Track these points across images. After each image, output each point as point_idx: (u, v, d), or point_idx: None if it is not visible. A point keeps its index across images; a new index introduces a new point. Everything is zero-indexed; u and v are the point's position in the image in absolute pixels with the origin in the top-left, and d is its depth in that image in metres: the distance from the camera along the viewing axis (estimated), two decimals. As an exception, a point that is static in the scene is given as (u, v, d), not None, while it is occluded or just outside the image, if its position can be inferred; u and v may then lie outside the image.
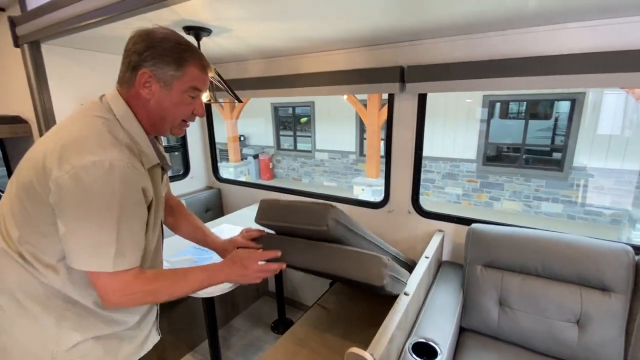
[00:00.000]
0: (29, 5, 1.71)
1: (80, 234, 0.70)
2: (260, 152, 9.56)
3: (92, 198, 0.68)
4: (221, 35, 1.53)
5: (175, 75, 0.77)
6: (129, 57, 0.77)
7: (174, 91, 0.78)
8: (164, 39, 0.76)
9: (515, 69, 1.40)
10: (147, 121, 0.81)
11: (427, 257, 1.46)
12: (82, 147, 0.69)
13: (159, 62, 0.75)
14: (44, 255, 0.75)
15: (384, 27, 1.41)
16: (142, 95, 0.78)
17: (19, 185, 0.75)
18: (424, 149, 1.80)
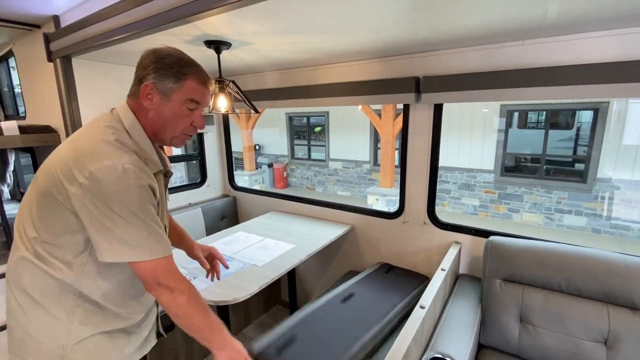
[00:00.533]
0: (63, 23, 1.83)
1: (109, 231, 0.75)
2: (274, 161, 9.66)
3: (112, 197, 0.74)
4: (240, 48, 1.58)
5: (174, 87, 0.83)
6: (137, 71, 0.85)
7: (173, 102, 0.84)
8: (167, 55, 0.84)
9: (533, 79, 1.38)
10: (149, 130, 0.87)
11: (443, 270, 1.43)
12: (96, 153, 0.76)
13: (160, 75, 0.82)
14: (60, 252, 0.81)
15: (400, 38, 1.42)
16: (145, 105, 0.84)
17: (38, 192, 0.80)
18: (440, 158, 1.78)
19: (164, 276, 0.81)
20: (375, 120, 5.37)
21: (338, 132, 8.52)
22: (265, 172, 9.25)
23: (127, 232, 0.76)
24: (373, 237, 2.06)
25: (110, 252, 0.76)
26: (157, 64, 0.82)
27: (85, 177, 0.73)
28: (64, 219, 0.78)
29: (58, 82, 1.86)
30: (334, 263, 2.27)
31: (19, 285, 0.84)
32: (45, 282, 0.82)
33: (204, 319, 0.86)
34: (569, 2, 0.99)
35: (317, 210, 2.29)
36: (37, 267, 0.82)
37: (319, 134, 9.12)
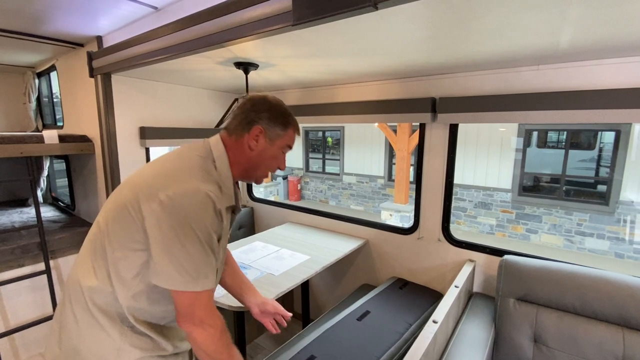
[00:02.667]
0: (105, 43, 2.00)
1: (172, 254, 0.77)
2: (289, 173, 9.80)
3: (186, 221, 0.76)
4: (266, 69, 1.69)
5: (280, 134, 0.94)
6: (245, 113, 0.92)
7: (275, 147, 0.95)
8: (277, 104, 0.95)
9: (548, 102, 1.42)
10: (242, 166, 0.94)
11: (456, 287, 1.45)
12: (182, 177, 0.81)
13: (272, 122, 0.92)
14: (123, 269, 0.84)
15: (418, 62, 1.50)
16: (250, 145, 0.92)
17: (117, 205, 0.84)
18: (456, 176, 1.83)
19: (201, 310, 0.81)
20: (391, 136, 5.43)
21: (353, 147, 8.61)
22: (280, 184, 9.38)
23: (187, 259, 0.77)
24: (387, 252, 2.09)
25: (164, 275, 0.78)
26: (271, 112, 0.92)
27: (167, 196, 0.77)
28: (133, 234, 0.81)
29: (97, 96, 2.02)
30: (348, 276, 2.30)
31: (79, 299, 0.86)
32: (106, 299, 0.85)
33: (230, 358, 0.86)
34: (581, 33, 1.05)
35: (333, 224, 2.34)
36: (103, 282, 0.84)
37: (334, 147, 9.23)
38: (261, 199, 2.89)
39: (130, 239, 0.82)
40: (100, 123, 2.04)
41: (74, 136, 2.23)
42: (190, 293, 0.79)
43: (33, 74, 3.07)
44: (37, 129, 3.27)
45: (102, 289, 0.85)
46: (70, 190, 2.76)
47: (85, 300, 0.86)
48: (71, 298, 0.88)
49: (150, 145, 2.15)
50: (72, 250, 2.28)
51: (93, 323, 0.86)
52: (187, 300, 0.80)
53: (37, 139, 2.06)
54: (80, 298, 0.87)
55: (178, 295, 0.80)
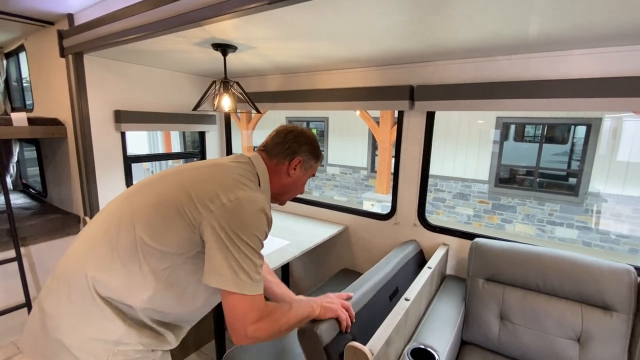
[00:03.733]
0: (76, 21, 1.92)
1: (232, 255, 0.78)
2: (273, 164, 9.74)
3: (246, 225, 0.80)
4: (245, 51, 1.67)
5: (313, 165, 1.08)
6: (289, 143, 1.02)
7: (306, 176, 1.08)
8: (314, 139, 1.08)
9: (520, 91, 1.47)
10: (276, 189, 1.03)
11: (429, 268, 1.51)
12: (241, 185, 0.86)
13: (309, 155, 1.05)
14: (156, 259, 0.83)
15: (396, 49, 1.52)
16: (288, 172, 1.02)
17: (161, 200, 0.85)
18: (436, 168, 1.90)
19: (259, 314, 0.81)
20: (374, 127, 5.48)
21: (337, 138, 8.63)
22: (263, 174, 9.32)
23: (246, 262, 0.79)
24: (365, 237, 2.13)
25: (221, 276, 0.78)
26: (311, 146, 1.05)
27: (230, 200, 0.80)
28: (179, 230, 0.81)
29: (69, 77, 1.94)
30: (328, 261, 2.34)
31: (81, 288, 0.83)
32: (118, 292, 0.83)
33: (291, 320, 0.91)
34: (547, 22, 1.09)
35: (313, 210, 2.37)
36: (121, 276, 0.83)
37: (320, 138, 9.23)
38: (242, 187, 2.88)
39: (179, 234, 0.81)
40: (73, 106, 1.96)
41: (44, 119, 2.14)
42: (248, 296, 0.79)
43: (1, 54, 2.91)
44: (5, 112, 3.11)
45: (115, 281, 0.83)
46: (42, 176, 2.66)
47: (89, 290, 0.83)
48: (69, 285, 0.84)
49: (126, 129, 2.09)
50: (45, 237, 2.21)
51: (94, 310, 0.83)
52: (244, 303, 0.79)
53: (4, 121, 1.97)
54: (83, 287, 0.84)
55: (233, 299, 0.79)
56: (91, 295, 0.83)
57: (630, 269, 1.30)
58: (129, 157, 2.19)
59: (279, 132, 1.05)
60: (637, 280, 1.29)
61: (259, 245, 0.83)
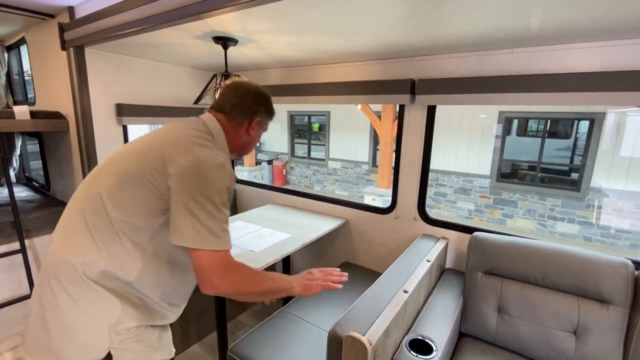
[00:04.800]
0: (77, 14, 1.92)
1: (193, 213, 0.80)
2: (274, 158, 9.75)
3: (209, 183, 0.82)
4: (246, 45, 1.67)
5: (268, 123, 1.13)
6: (247, 105, 1.04)
7: (261, 131, 1.12)
8: (268, 98, 1.10)
9: (521, 85, 1.47)
10: (235, 147, 1.06)
11: (428, 261, 1.52)
12: (202, 145, 0.88)
13: (266, 114, 1.09)
14: (138, 233, 0.86)
15: (396, 42, 1.51)
16: (248, 132, 1.05)
17: (125, 176, 0.86)
18: (437, 162, 1.89)
19: (223, 266, 0.82)
20: (375, 121, 5.47)
21: (338, 133, 8.62)
22: (264, 168, 9.33)
23: (208, 218, 0.80)
24: (366, 230, 2.15)
25: (184, 235, 0.80)
26: (267, 106, 1.09)
27: (189, 161, 0.82)
28: (151, 198, 0.84)
29: (70, 71, 1.94)
30: (329, 255, 2.36)
31: (71, 276, 0.85)
32: (107, 271, 0.86)
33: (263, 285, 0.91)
34: (548, 16, 1.08)
35: (314, 204, 2.38)
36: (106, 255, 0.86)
37: (320, 132, 9.22)
38: (243, 180, 2.89)
39: (147, 204, 0.85)
40: (74, 99, 1.97)
41: (46, 112, 2.15)
42: (212, 251, 0.81)
43: (2, 47, 2.91)
44: (7, 106, 3.12)
45: (103, 261, 0.86)
46: (45, 169, 2.68)
47: (80, 276, 0.85)
48: (60, 277, 0.86)
49: (128, 122, 2.10)
50: (48, 229, 2.24)
51: (91, 295, 0.86)
52: (207, 256, 0.81)
53: (7, 114, 1.98)
54: (72, 275, 0.86)
55: (197, 254, 0.81)
56: (84, 281, 0.85)
57: (627, 262, 1.30)
58: (130, 150, 2.20)
59: (235, 92, 1.04)
60: (635, 273, 1.30)
61: (222, 201, 0.84)
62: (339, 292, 1.84)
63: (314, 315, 1.65)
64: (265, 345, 1.43)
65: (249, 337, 1.49)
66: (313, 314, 1.66)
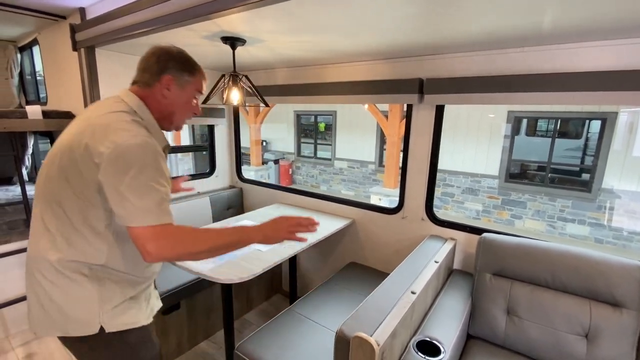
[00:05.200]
0: (88, 15, 1.94)
1: (123, 195, 0.82)
2: (280, 157, 9.77)
3: (131, 164, 0.83)
4: (254, 45, 1.67)
5: (189, 80, 1.02)
6: (152, 65, 0.99)
7: (187, 93, 1.03)
8: (180, 53, 1.03)
9: (533, 84, 1.45)
10: (161, 114, 1.01)
11: (436, 262, 1.51)
12: (117, 128, 0.86)
13: (179, 70, 1.00)
14: (94, 221, 0.90)
15: (404, 41, 1.50)
16: (163, 94, 0.99)
17: (62, 169, 0.88)
18: (445, 162, 1.87)
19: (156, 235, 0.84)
20: (382, 121, 5.44)
21: (345, 132, 8.60)
22: (271, 168, 9.36)
23: (138, 198, 0.82)
24: (373, 231, 2.14)
25: (120, 215, 0.84)
26: (177, 61, 1.00)
27: (109, 147, 0.82)
28: (88, 187, 0.86)
29: (81, 71, 1.97)
30: (335, 255, 2.36)
31: (49, 270, 0.91)
32: (81, 260, 0.91)
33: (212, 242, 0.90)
34: (562, 14, 1.06)
35: (321, 204, 2.38)
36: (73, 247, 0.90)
37: (326, 132, 9.21)
38: (250, 180, 2.91)
39: (91, 194, 0.87)
40: (85, 99, 2.00)
41: (58, 112, 2.19)
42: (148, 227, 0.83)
43: (15, 48, 2.96)
44: (20, 105, 3.18)
45: (71, 255, 0.90)
46: (56, 168, 2.72)
47: (57, 270, 0.91)
48: (42, 272, 0.92)
49: (137, 122, 2.12)
50: (59, 227, 2.27)
51: (72, 284, 0.92)
52: (142, 230, 0.83)
53: (20, 114, 2.02)
54: (50, 269, 0.91)
55: (132, 230, 0.84)
56: (62, 273, 0.91)
57: (641, 265, 1.28)
58: (140, 149, 2.23)
59: (142, 59, 1.02)
60: (649, 277, 1.27)
61: (151, 177, 0.85)
62: (345, 292, 1.85)
63: (320, 314, 1.65)
64: (272, 344, 1.44)
65: (256, 335, 1.50)
66: (319, 313, 1.66)
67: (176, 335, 1.98)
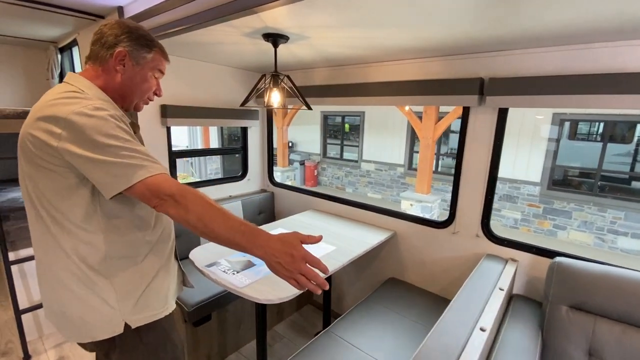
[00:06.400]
0: (126, 14, 1.89)
1: (100, 161, 0.74)
2: (306, 158, 9.69)
3: (93, 132, 0.74)
4: (296, 42, 1.55)
5: (147, 56, 0.92)
6: (104, 38, 0.88)
7: (144, 70, 0.93)
8: (136, 27, 0.92)
9: (626, 85, 1.22)
10: (116, 92, 0.92)
11: (501, 290, 1.31)
12: (65, 105, 0.77)
13: (134, 43, 0.90)
14: (77, 212, 0.82)
15: (469, 36, 1.32)
16: (117, 69, 0.89)
17: (26, 172, 0.82)
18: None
19: (165, 188, 0.76)
20: (416, 122, 5.19)
21: (373, 133, 8.38)
22: (297, 169, 9.30)
23: (117, 157, 0.75)
24: (417, 245, 1.96)
25: (112, 184, 0.76)
26: (132, 34, 0.89)
27: (63, 127, 0.74)
28: (59, 178, 0.79)
29: (118, 71, 1.93)
30: (373, 269, 2.19)
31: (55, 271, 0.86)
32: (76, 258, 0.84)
33: (225, 222, 0.77)
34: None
35: (357, 213, 2.22)
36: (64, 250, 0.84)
37: (352, 133, 9.03)
38: (282, 184, 2.79)
39: (64, 185, 0.80)
40: (121, 99, 1.96)
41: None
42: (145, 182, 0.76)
43: (55, 49, 3.02)
44: (59, 105, 3.25)
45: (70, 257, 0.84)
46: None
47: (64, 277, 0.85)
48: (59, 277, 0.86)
49: (172, 124, 2.06)
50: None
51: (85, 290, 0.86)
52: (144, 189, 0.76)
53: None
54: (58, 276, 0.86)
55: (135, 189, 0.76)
56: (75, 277, 0.84)
57: None
58: (173, 152, 2.17)
59: (95, 33, 0.91)
60: None
61: (120, 136, 0.76)
62: (388, 313, 1.68)
63: (363, 339, 1.49)
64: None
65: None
66: (362, 337, 1.51)
67: (206, 348, 1.89)
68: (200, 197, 0.79)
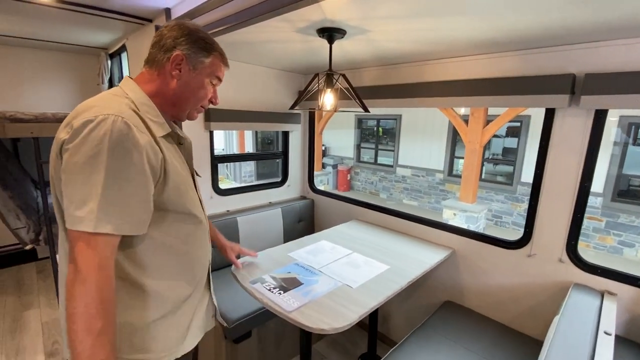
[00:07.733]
0: (174, 15, 1.85)
1: (69, 187, 0.67)
2: (339, 162, 9.53)
3: (82, 150, 0.66)
4: (352, 37, 1.39)
5: (205, 61, 0.85)
6: (162, 40, 0.82)
7: (200, 75, 0.86)
8: (196, 29, 0.85)
9: None
10: (169, 100, 0.85)
11: (608, 334, 1.06)
12: (84, 111, 0.70)
13: (192, 47, 0.83)
14: None
15: (567, 24, 1.09)
16: (172, 74, 0.83)
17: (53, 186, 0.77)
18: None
19: (80, 260, 0.65)
20: (461, 126, 4.86)
21: (410, 137, 8.04)
22: (330, 173, 9.17)
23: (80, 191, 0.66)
24: (481, 267, 1.72)
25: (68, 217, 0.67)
26: (191, 37, 0.83)
27: (68, 133, 0.68)
28: None
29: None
30: (426, 289, 1.97)
31: None
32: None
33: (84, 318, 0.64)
34: None
35: (406, 226, 2.01)
36: None
37: (386, 137, 8.74)
38: (323, 191, 2.65)
39: None
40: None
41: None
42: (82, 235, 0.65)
43: (106, 54, 3.12)
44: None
45: None
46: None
47: None
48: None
49: (215, 128, 1.99)
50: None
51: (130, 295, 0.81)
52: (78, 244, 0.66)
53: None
54: None
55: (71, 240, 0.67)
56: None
57: None
58: (215, 157, 2.10)
59: (155, 35, 0.85)
60: None
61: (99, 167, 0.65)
62: (447, 343, 1.47)
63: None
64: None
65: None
66: (422, 373, 1.31)
67: (245, 364, 1.78)
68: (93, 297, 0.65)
